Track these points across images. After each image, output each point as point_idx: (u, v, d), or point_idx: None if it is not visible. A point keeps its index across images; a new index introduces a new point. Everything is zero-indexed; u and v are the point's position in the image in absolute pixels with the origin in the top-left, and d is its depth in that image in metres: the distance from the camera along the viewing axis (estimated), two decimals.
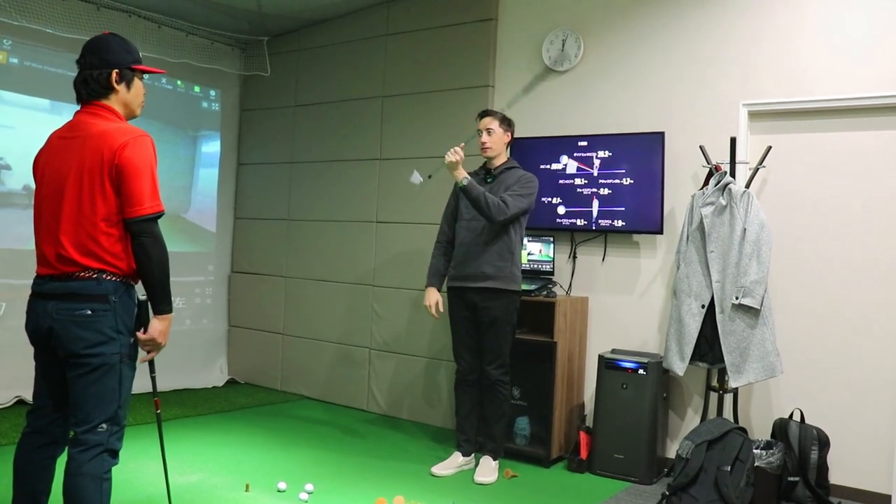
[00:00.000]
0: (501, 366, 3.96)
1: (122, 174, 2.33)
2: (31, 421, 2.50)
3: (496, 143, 3.99)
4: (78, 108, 2.50)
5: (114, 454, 2.41)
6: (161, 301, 2.43)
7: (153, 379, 2.68)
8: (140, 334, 2.45)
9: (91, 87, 2.44)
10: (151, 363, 2.62)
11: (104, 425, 2.36)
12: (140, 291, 2.47)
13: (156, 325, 2.45)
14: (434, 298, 4.07)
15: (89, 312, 2.33)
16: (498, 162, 4.03)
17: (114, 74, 2.44)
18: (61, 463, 2.43)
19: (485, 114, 4.05)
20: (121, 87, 2.47)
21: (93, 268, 2.35)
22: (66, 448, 2.41)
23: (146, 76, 2.58)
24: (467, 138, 4.02)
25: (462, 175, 3.80)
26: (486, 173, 4.05)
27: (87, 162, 2.34)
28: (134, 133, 2.38)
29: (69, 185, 2.36)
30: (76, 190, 2.35)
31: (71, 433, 2.43)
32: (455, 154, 3.77)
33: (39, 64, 5.04)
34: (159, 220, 2.42)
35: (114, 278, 2.37)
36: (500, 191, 3.90)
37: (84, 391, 2.35)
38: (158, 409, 2.76)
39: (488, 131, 3.98)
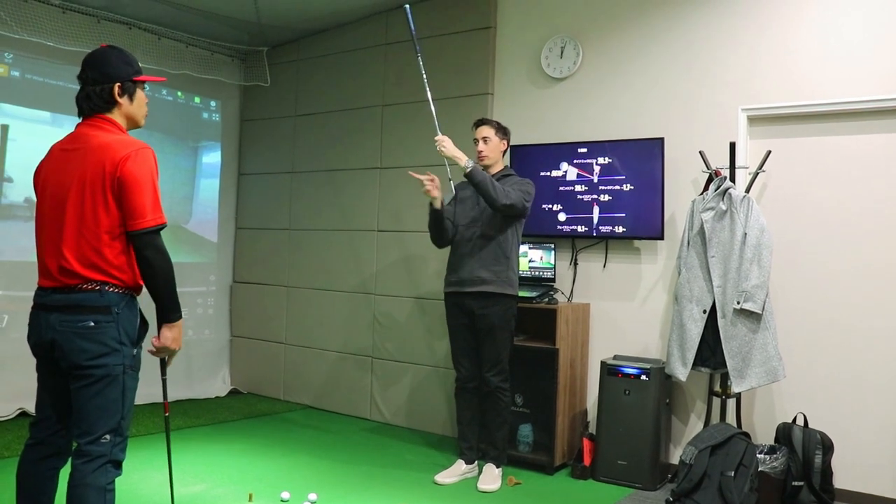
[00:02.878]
0: (501, 372, 3.95)
1: (124, 187, 2.34)
2: (34, 433, 2.51)
3: (492, 151, 4.00)
4: (79, 120, 2.51)
5: (117, 465, 2.41)
6: (170, 310, 2.45)
7: (164, 382, 2.67)
8: (154, 341, 2.47)
9: (94, 101, 2.45)
10: (163, 367, 2.62)
11: (107, 436, 2.36)
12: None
13: (166, 333, 2.46)
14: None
15: (92, 324, 2.33)
16: (494, 170, 4.03)
17: (116, 88, 2.46)
18: (65, 474, 2.43)
19: (480, 122, 4.05)
20: (123, 100, 2.48)
21: (96, 280, 2.35)
22: (70, 459, 2.42)
23: (147, 86, 2.60)
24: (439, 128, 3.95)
25: (464, 160, 3.78)
26: None
27: (89, 174, 2.35)
28: (135, 145, 2.39)
29: (71, 197, 2.37)
30: (78, 202, 2.36)
31: (74, 444, 2.43)
32: (441, 143, 3.81)
33: (41, 77, 5.07)
34: (162, 232, 2.43)
35: (116, 290, 2.38)
36: None
37: (87, 402, 2.35)
38: (167, 413, 2.75)
39: (485, 140, 3.99)
